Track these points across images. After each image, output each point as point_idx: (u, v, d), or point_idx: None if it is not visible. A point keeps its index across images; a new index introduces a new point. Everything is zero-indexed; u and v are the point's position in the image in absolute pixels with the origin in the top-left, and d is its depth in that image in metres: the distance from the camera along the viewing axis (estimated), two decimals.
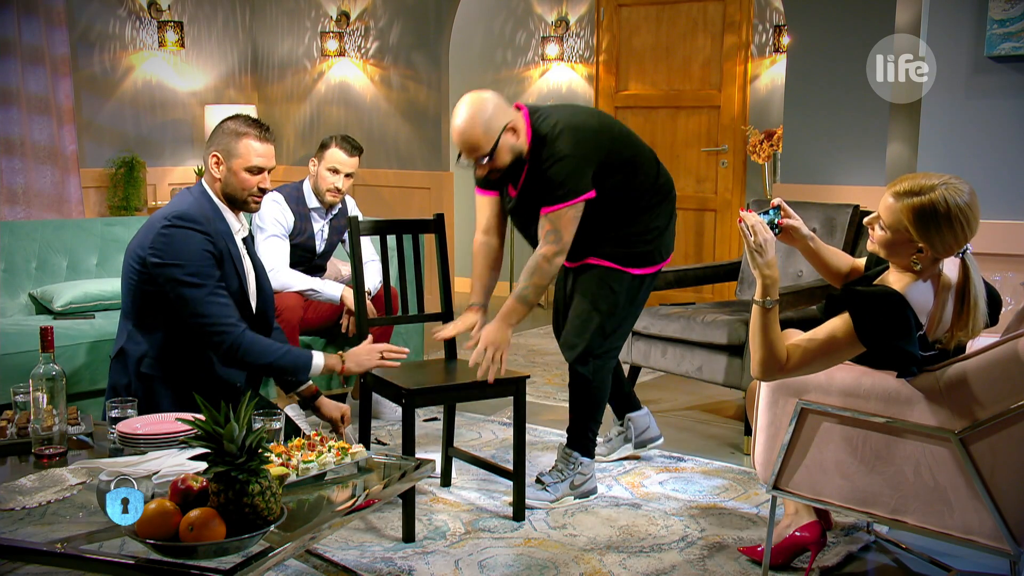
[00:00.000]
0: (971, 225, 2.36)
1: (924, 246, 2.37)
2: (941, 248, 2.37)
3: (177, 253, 2.88)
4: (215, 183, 3.02)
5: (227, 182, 3.00)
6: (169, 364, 2.98)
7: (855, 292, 2.39)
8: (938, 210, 2.33)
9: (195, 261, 2.88)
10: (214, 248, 2.93)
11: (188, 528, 1.88)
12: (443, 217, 3.63)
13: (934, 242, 2.36)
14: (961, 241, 2.37)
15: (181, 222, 2.90)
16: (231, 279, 2.99)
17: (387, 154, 7.15)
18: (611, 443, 3.90)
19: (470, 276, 3.59)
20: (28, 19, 6.02)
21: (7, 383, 2.98)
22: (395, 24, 7.01)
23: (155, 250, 2.89)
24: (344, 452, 2.48)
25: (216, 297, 2.90)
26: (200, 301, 2.87)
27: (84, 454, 2.59)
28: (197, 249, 2.89)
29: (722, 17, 6.76)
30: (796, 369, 2.45)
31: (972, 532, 2.39)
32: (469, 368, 3.23)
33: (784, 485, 2.66)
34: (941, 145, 3.77)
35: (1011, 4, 3.49)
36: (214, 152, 3.00)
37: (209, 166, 3.02)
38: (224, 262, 2.96)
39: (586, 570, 2.90)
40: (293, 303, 4.09)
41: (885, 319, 2.34)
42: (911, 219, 2.36)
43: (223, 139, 3.01)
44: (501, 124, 3.16)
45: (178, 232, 2.89)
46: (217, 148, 3.00)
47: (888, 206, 2.40)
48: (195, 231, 2.90)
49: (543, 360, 5.60)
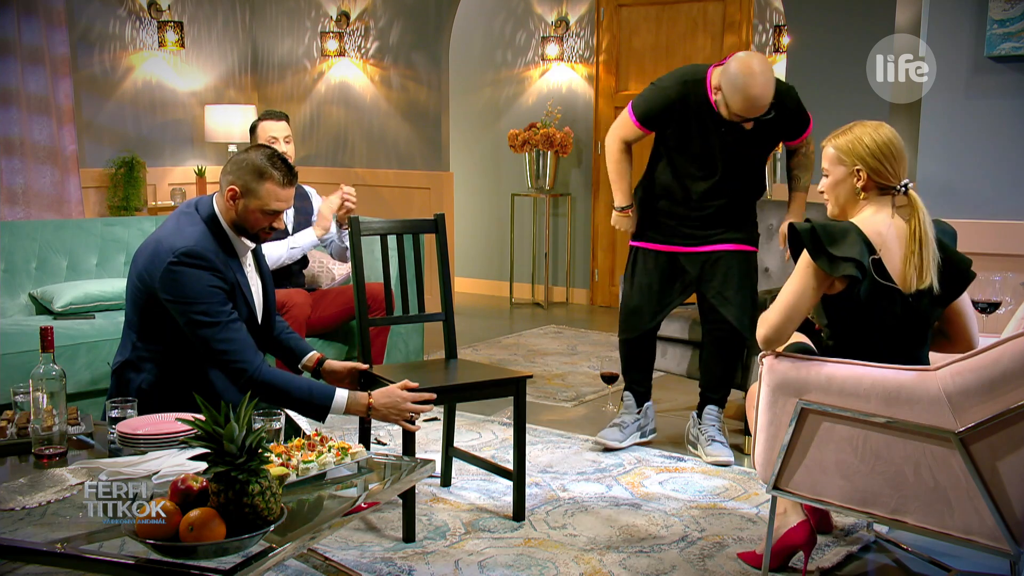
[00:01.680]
0: (895, 145, 2.64)
1: (859, 166, 2.65)
2: (872, 162, 2.64)
3: (187, 293, 2.83)
4: (230, 211, 2.94)
5: (240, 217, 2.93)
6: (169, 384, 2.95)
7: (807, 222, 2.62)
8: (861, 135, 2.67)
9: (206, 299, 2.84)
10: (223, 283, 2.89)
11: (188, 528, 1.88)
12: (443, 217, 3.62)
13: (867, 160, 2.64)
14: (888, 160, 2.63)
15: (189, 259, 2.83)
16: (240, 309, 2.97)
17: (387, 154, 7.15)
18: (627, 429, 3.99)
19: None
20: (28, 19, 6.02)
21: (7, 383, 2.98)
22: (395, 24, 7.01)
23: (164, 288, 2.85)
24: (344, 452, 2.48)
25: (229, 332, 2.85)
26: (215, 339, 2.84)
27: (84, 454, 2.59)
28: (207, 287, 2.84)
29: (722, 17, 6.76)
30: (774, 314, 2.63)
31: (972, 532, 2.39)
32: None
33: (784, 485, 2.66)
34: (941, 145, 3.77)
35: (1011, 4, 3.49)
36: (232, 185, 2.90)
37: (224, 195, 2.92)
38: (235, 294, 2.94)
39: (586, 570, 2.90)
40: (301, 300, 4.10)
41: (832, 232, 2.58)
42: (842, 149, 2.68)
43: (245, 175, 2.89)
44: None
45: (187, 271, 2.83)
46: (236, 182, 2.90)
47: (824, 155, 2.74)
48: (204, 269, 2.85)
49: (543, 360, 5.60)
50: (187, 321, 2.85)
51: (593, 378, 5.10)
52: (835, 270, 2.55)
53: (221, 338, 2.84)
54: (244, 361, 2.85)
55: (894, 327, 2.63)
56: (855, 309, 2.62)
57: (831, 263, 2.55)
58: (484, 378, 3.33)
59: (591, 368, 5.35)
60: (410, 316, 3.71)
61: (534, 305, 7.48)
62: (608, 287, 7.42)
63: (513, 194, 7.49)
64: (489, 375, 3.41)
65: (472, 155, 7.82)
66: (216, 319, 2.84)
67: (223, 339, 2.84)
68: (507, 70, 7.62)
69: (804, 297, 2.60)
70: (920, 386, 2.40)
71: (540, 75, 7.46)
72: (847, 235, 2.58)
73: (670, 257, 3.88)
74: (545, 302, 7.46)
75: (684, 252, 3.86)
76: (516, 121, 7.46)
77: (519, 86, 7.57)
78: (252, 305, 3.04)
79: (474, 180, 7.83)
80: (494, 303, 7.57)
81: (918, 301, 2.61)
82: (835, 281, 2.59)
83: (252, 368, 2.86)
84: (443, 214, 3.64)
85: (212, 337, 2.84)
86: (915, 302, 2.60)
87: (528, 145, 7.10)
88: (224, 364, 2.87)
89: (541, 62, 7.43)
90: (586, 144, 7.36)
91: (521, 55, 7.54)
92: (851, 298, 2.60)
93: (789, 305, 2.61)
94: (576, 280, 7.55)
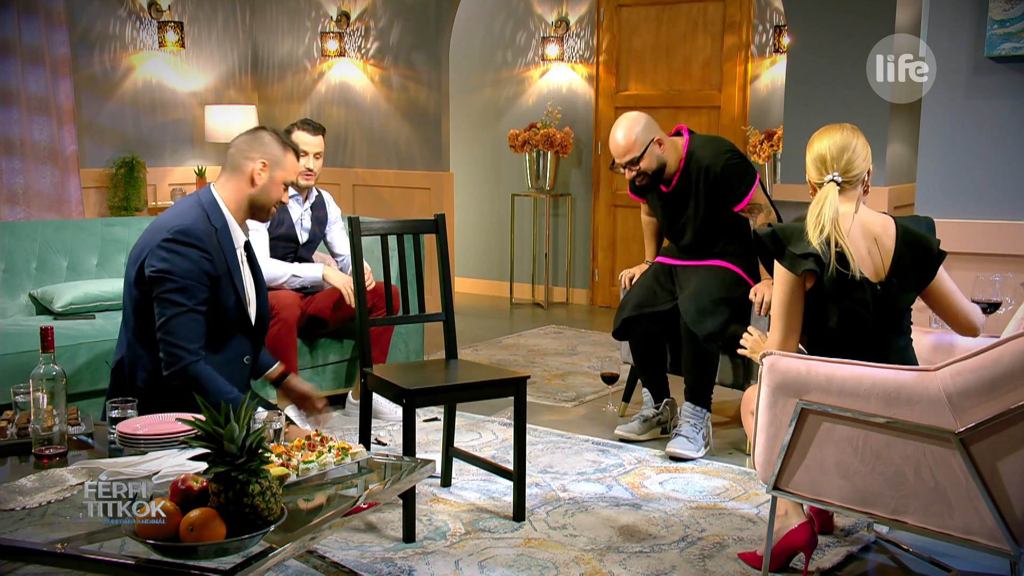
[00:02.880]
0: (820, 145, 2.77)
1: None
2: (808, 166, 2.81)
3: (172, 270, 2.87)
4: (246, 189, 3.01)
5: (264, 190, 3.02)
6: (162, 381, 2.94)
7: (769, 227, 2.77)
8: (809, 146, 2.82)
9: (186, 278, 2.87)
10: (212, 268, 2.92)
11: (188, 528, 1.88)
12: (443, 217, 3.62)
13: (808, 167, 2.81)
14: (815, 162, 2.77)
15: (183, 237, 2.88)
16: (227, 296, 2.97)
17: (387, 154, 7.16)
18: (647, 423, 4.13)
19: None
20: (28, 19, 6.02)
21: (7, 383, 2.98)
22: (395, 24, 7.01)
23: (152, 261, 2.88)
24: (344, 452, 2.48)
25: (189, 318, 2.88)
26: (172, 317, 2.86)
27: (84, 454, 2.59)
28: (193, 267, 2.88)
29: (722, 17, 6.76)
30: (773, 334, 2.76)
31: (972, 532, 2.39)
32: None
33: (784, 485, 2.66)
34: (941, 145, 3.77)
35: (1011, 4, 3.49)
36: (262, 159, 2.99)
37: (253, 172, 2.99)
38: (221, 280, 2.95)
39: (586, 570, 2.90)
40: (290, 302, 4.08)
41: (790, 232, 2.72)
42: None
43: (271, 148, 3.01)
44: (650, 137, 3.87)
45: (179, 248, 2.88)
46: (265, 156, 3.00)
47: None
48: (195, 248, 2.89)
49: (543, 360, 5.60)
50: (158, 295, 2.87)
51: (593, 378, 5.10)
52: (796, 268, 2.68)
53: (179, 318, 2.86)
54: (185, 350, 2.87)
55: (866, 316, 2.71)
56: (826, 302, 2.71)
57: (791, 262, 2.68)
58: (484, 378, 3.33)
59: (591, 368, 5.35)
60: (410, 316, 3.71)
61: (534, 305, 7.48)
62: (608, 287, 7.42)
63: (513, 194, 7.49)
64: (489, 375, 3.41)
65: (472, 155, 7.82)
66: (185, 301, 2.87)
67: (179, 320, 2.86)
68: (507, 70, 7.62)
69: (789, 303, 2.73)
70: (920, 386, 2.40)
71: (540, 75, 7.46)
72: (805, 232, 2.70)
73: (669, 268, 4.12)
74: (545, 302, 7.46)
75: (681, 264, 4.09)
76: (516, 121, 7.46)
77: (519, 86, 7.57)
78: (242, 293, 3.02)
79: (474, 180, 7.83)
80: (494, 303, 7.57)
81: (886, 289, 2.70)
82: (806, 278, 2.71)
83: (188, 360, 2.86)
84: (443, 214, 3.65)
85: (170, 314, 2.86)
86: (883, 290, 2.70)
87: (528, 145, 7.10)
88: (165, 344, 2.87)
89: (541, 62, 7.43)
90: (586, 144, 7.36)
91: (521, 55, 7.54)
92: (820, 292, 2.70)
93: (779, 315, 2.75)
94: (576, 280, 7.55)
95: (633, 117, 3.91)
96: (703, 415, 3.94)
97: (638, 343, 4.11)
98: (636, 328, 4.07)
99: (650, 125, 3.90)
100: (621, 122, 3.91)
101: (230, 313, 2.98)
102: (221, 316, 2.96)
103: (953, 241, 2.90)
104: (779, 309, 2.74)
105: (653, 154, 3.88)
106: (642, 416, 4.17)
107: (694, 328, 3.81)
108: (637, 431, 4.12)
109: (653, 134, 3.88)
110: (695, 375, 3.90)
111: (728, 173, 3.88)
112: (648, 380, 4.18)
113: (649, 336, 4.08)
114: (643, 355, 4.13)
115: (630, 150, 3.86)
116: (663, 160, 3.91)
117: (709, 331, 3.81)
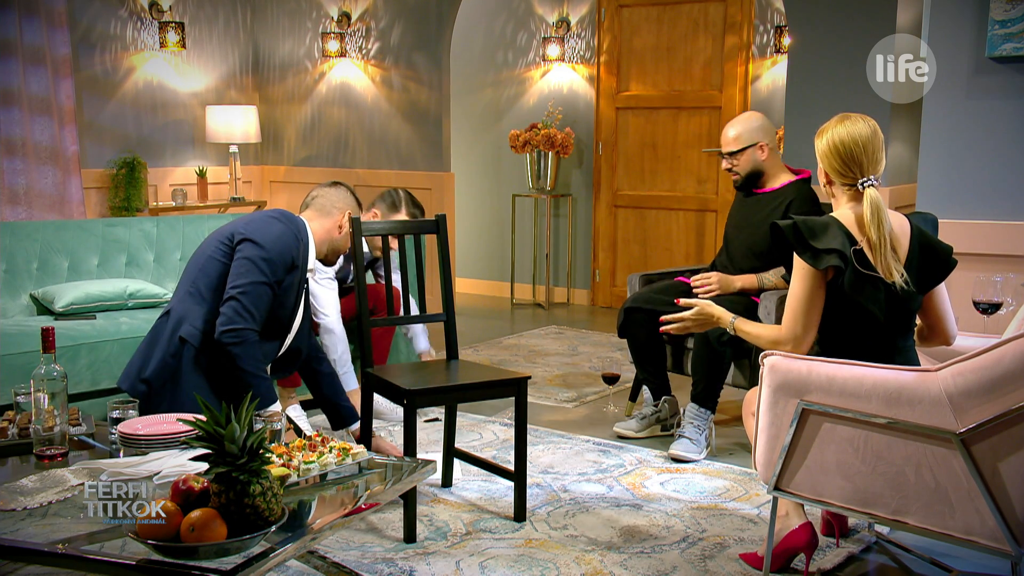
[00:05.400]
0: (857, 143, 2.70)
1: (823, 167, 2.78)
2: (828, 164, 2.75)
3: (266, 237, 3.04)
4: (332, 232, 3.29)
5: (345, 238, 3.30)
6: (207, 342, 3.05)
7: (790, 219, 2.70)
8: (830, 135, 2.74)
9: (275, 252, 3.03)
10: (297, 256, 3.10)
11: (189, 529, 1.88)
12: (444, 218, 3.62)
13: (828, 160, 2.75)
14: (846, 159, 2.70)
15: (288, 220, 3.11)
16: (288, 298, 3.11)
17: (388, 155, 7.16)
18: (645, 420, 4.17)
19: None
20: (29, 20, 6.02)
21: (8, 384, 2.99)
22: (396, 25, 7.01)
23: (248, 227, 3.06)
24: (345, 453, 2.48)
25: (266, 291, 3.02)
26: (254, 284, 2.99)
27: (85, 455, 2.60)
28: (285, 246, 3.05)
29: (723, 18, 6.76)
30: (793, 328, 2.70)
31: (973, 533, 2.39)
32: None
33: (785, 486, 2.66)
34: (942, 146, 3.77)
35: (1012, 5, 3.49)
36: (376, 210, 3.51)
37: (342, 220, 3.29)
38: (296, 273, 3.11)
39: (587, 571, 2.90)
40: None
41: (813, 227, 2.67)
42: (815, 147, 2.79)
43: (354, 205, 3.37)
44: (755, 140, 4.03)
45: (280, 226, 3.08)
46: (351, 209, 3.34)
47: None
48: (292, 236, 3.09)
49: (544, 360, 5.60)
50: (244, 256, 3.01)
51: (594, 379, 5.10)
52: (819, 263, 2.64)
53: (256, 286, 2.99)
54: (252, 317, 2.98)
55: (879, 316, 2.68)
56: (841, 299, 2.68)
57: (815, 257, 2.64)
58: (485, 379, 3.33)
59: (592, 369, 5.35)
60: (411, 317, 3.71)
61: (535, 306, 7.48)
62: (609, 288, 7.42)
63: (514, 195, 7.49)
64: (490, 376, 3.41)
65: (473, 156, 7.82)
66: (267, 273, 3.01)
67: (255, 289, 2.99)
68: (508, 71, 7.62)
69: (810, 298, 2.68)
70: (921, 387, 2.40)
71: (541, 76, 7.46)
72: (828, 228, 2.67)
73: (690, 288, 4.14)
74: (546, 303, 7.46)
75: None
76: (517, 122, 7.46)
77: (520, 87, 7.57)
78: (292, 309, 3.17)
79: (475, 181, 7.83)
80: (495, 304, 7.57)
81: (901, 289, 2.68)
82: (825, 274, 2.67)
83: (250, 326, 2.98)
84: (444, 215, 3.65)
85: (250, 280, 2.98)
86: (898, 290, 2.68)
87: (529, 146, 7.10)
88: (236, 303, 2.97)
89: (542, 63, 7.43)
90: (587, 145, 7.37)
91: (522, 56, 7.54)
92: (837, 289, 2.67)
93: (799, 311, 2.69)
94: (577, 281, 7.55)
95: (751, 115, 4.11)
96: (707, 416, 3.94)
97: (637, 340, 4.12)
98: (635, 318, 4.08)
99: (762, 129, 4.04)
100: (739, 116, 4.14)
101: (284, 311, 3.12)
102: (272, 315, 3.09)
103: (954, 241, 2.89)
104: (798, 304, 2.69)
105: (751, 155, 4.03)
106: (641, 414, 4.20)
107: (708, 331, 3.80)
108: (636, 429, 4.15)
109: (760, 138, 4.02)
110: (704, 377, 3.91)
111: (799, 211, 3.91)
112: (648, 378, 4.20)
113: (648, 334, 4.09)
114: (642, 352, 4.15)
115: (733, 142, 4.06)
116: (760, 166, 4.05)
117: (721, 331, 3.79)
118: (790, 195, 3.99)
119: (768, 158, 4.04)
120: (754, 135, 4.01)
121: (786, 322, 2.72)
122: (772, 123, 4.12)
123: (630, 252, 7.28)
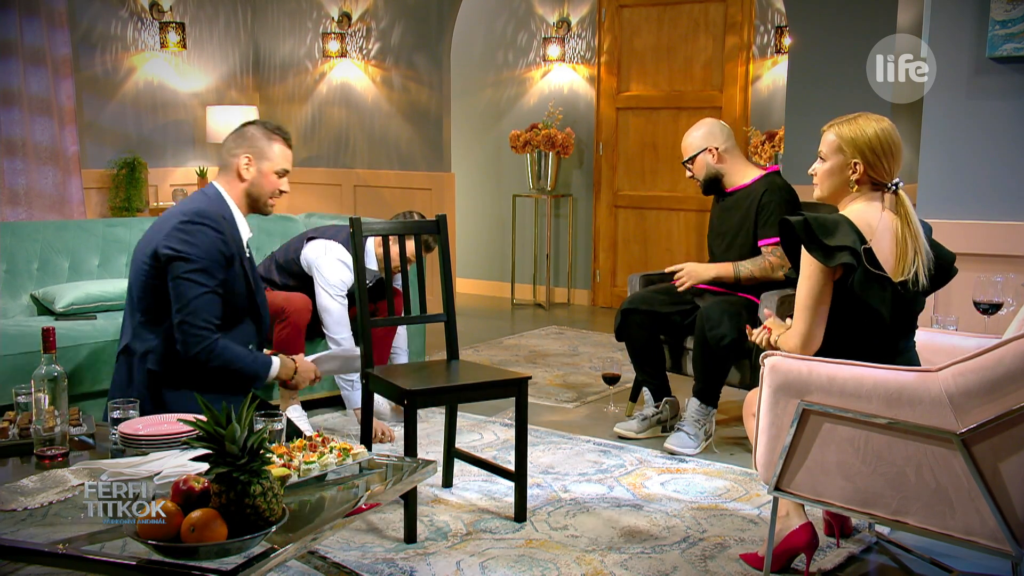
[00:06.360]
0: (895, 142, 2.70)
1: (857, 160, 2.69)
2: (871, 157, 2.68)
3: (190, 248, 2.95)
4: (239, 184, 3.12)
5: (255, 183, 3.13)
6: (175, 361, 3.00)
7: (800, 215, 2.65)
8: (865, 128, 2.70)
9: (205, 258, 2.96)
10: (226, 249, 3.00)
11: (190, 529, 1.88)
12: (445, 218, 3.63)
13: (866, 155, 2.68)
14: (886, 157, 2.68)
15: (199, 218, 2.99)
16: (238, 281, 3.05)
17: (388, 155, 7.16)
18: (646, 421, 4.18)
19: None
20: (29, 20, 6.03)
21: (9, 384, 2.99)
22: (396, 25, 7.01)
23: (169, 243, 2.96)
24: (346, 453, 2.48)
25: (210, 299, 2.97)
26: (195, 298, 2.93)
27: (86, 455, 2.59)
28: (210, 247, 2.97)
29: (723, 18, 6.76)
30: (804, 325, 2.67)
31: (974, 533, 2.39)
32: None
33: (786, 486, 2.66)
34: (942, 146, 3.77)
35: (1013, 5, 3.49)
36: (246, 154, 3.11)
37: (239, 167, 3.11)
38: (234, 262, 3.04)
39: (587, 571, 2.90)
40: (301, 305, 4.09)
41: (825, 224, 2.63)
42: (844, 138, 2.70)
43: (254, 142, 3.13)
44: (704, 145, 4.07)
45: (195, 228, 2.97)
46: (249, 150, 3.11)
47: (824, 140, 2.75)
48: (211, 228, 2.98)
49: (544, 361, 5.60)
50: (177, 276, 2.94)
51: (595, 379, 5.10)
52: (831, 260, 2.61)
53: (202, 298, 2.95)
54: (209, 329, 2.96)
55: (885, 316, 2.67)
56: (847, 298, 2.67)
57: (826, 254, 2.61)
58: (485, 379, 3.33)
59: (592, 369, 5.35)
60: (412, 317, 3.71)
61: (535, 306, 7.48)
62: (610, 288, 7.42)
63: (514, 195, 7.50)
64: (490, 376, 3.41)
65: (473, 156, 7.82)
66: (205, 281, 2.95)
67: (202, 300, 2.95)
68: (508, 71, 7.62)
69: (819, 295, 2.66)
70: (922, 387, 2.40)
71: (541, 76, 7.46)
72: (839, 226, 2.64)
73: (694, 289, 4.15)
74: (546, 303, 7.46)
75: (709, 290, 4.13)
76: (517, 122, 7.46)
77: (520, 87, 7.57)
78: (252, 278, 3.12)
79: (475, 181, 7.83)
80: (495, 304, 7.57)
81: (906, 290, 2.67)
82: (834, 272, 2.66)
83: (213, 337, 2.96)
84: (444, 215, 3.65)
85: (193, 295, 2.93)
86: (904, 291, 2.67)
87: (529, 146, 7.10)
88: (188, 325, 2.94)
89: (542, 63, 7.43)
90: (587, 145, 7.37)
91: (522, 56, 7.54)
92: (844, 288, 2.66)
93: (808, 308, 2.67)
94: (577, 281, 7.55)
95: (699, 123, 4.16)
96: (708, 412, 3.96)
97: (635, 343, 4.13)
98: (633, 319, 4.08)
99: (709, 135, 4.08)
100: (696, 124, 4.17)
101: (240, 298, 3.07)
102: (232, 300, 3.05)
103: (954, 241, 2.90)
104: (807, 301, 2.67)
105: (703, 161, 4.09)
106: (642, 415, 4.20)
107: (708, 334, 3.84)
108: (636, 429, 4.16)
109: (707, 143, 4.07)
110: (705, 372, 3.92)
111: (775, 205, 3.95)
112: (647, 379, 4.20)
113: (647, 335, 4.10)
114: (641, 354, 4.16)
115: (684, 151, 4.14)
116: (716, 170, 4.09)
117: (721, 335, 3.83)
118: (761, 188, 4.02)
119: (722, 161, 4.08)
120: (700, 141, 4.08)
121: (796, 320, 2.71)
122: (724, 128, 4.12)
123: (630, 252, 7.28)
